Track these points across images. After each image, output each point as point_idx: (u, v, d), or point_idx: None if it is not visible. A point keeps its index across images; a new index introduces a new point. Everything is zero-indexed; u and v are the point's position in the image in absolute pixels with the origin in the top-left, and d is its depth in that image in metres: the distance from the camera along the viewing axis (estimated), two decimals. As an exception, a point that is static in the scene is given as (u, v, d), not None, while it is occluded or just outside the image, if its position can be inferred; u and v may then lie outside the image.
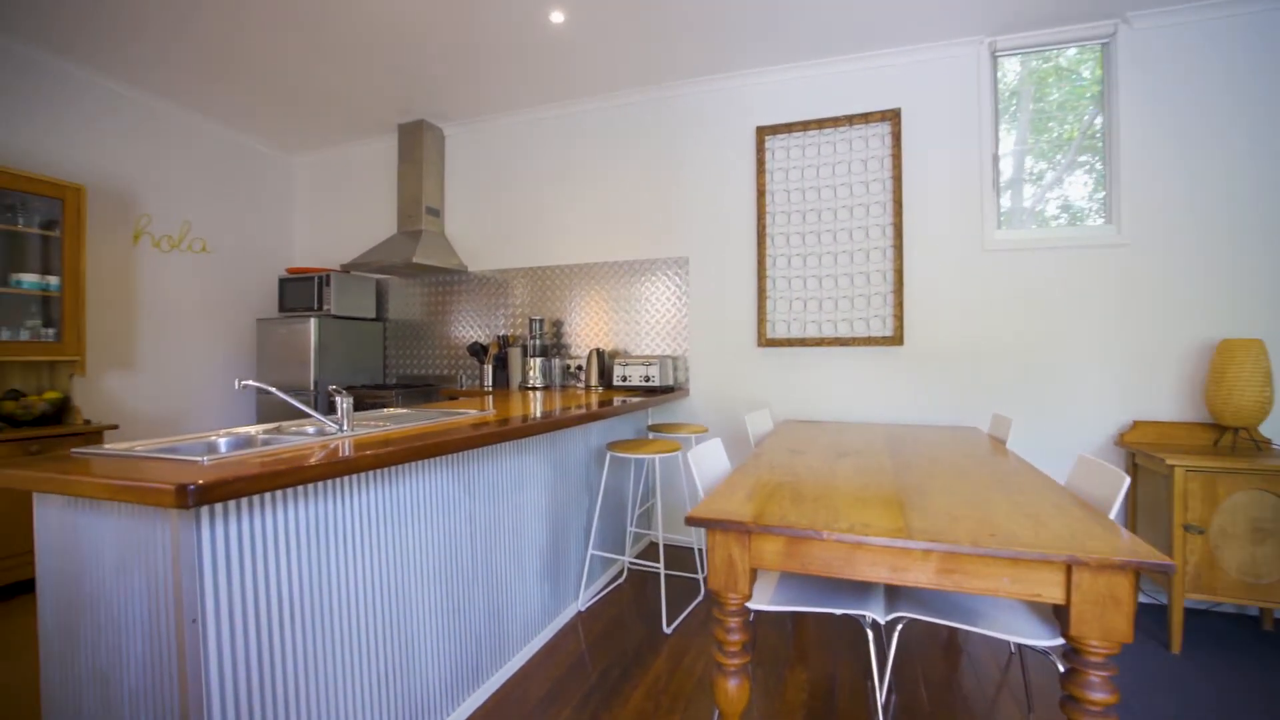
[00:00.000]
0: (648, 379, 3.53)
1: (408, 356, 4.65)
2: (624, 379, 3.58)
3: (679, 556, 3.62)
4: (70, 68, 3.64)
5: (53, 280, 3.36)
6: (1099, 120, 3.17)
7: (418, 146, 4.30)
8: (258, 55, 3.49)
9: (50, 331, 3.37)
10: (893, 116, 3.39)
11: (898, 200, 3.38)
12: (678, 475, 3.82)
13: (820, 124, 3.54)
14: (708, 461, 2.04)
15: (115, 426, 3.41)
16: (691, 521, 1.48)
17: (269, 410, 4.29)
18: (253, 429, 1.90)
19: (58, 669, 1.48)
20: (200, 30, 3.24)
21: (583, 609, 2.84)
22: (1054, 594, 1.22)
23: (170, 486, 1.08)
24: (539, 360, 3.81)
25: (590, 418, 2.46)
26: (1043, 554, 1.20)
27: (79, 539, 1.41)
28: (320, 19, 3.14)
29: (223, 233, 4.51)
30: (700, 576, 3.20)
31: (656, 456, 2.69)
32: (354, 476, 1.61)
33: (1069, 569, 1.20)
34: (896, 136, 3.38)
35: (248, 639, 1.34)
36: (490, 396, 3.37)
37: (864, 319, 3.47)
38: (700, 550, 3.59)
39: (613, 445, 2.79)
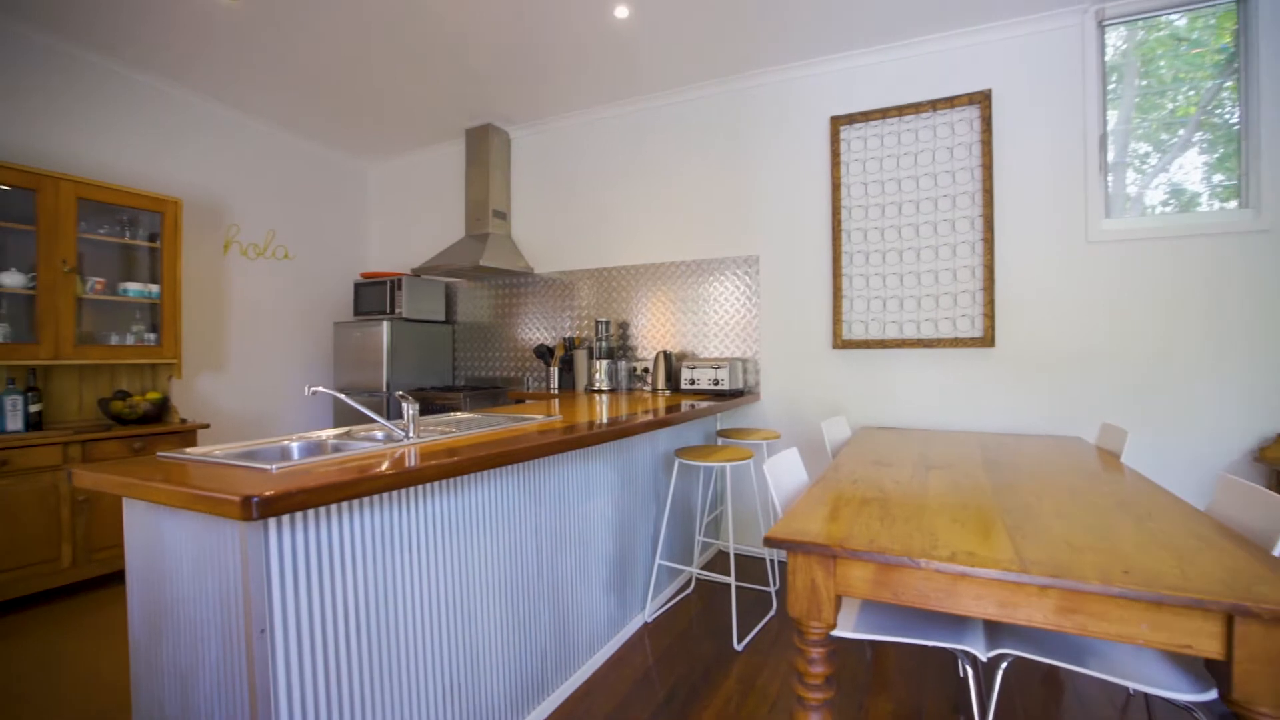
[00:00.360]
0: (716, 382, 3.41)
1: (475, 358, 4.71)
2: (692, 382, 3.47)
3: (749, 567, 3.48)
4: (168, 88, 3.87)
5: (154, 288, 3.58)
6: (1221, 92, 2.81)
7: (484, 150, 4.34)
8: (336, 70, 3.60)
9: (152, 336, 3.59)
10: (982, 99, 3.13)
11: (988, 190, 3.12)
12: (748, 483, 3.68)
13: (900, 111, 3.31)
14: (784, 473, 1.91)
15: (207, 425, 3.59)
16: (771, 543, 1.36)
17: (344, 410, 4.44)
18: (324, 433, 1.92)
19: (144, 664, 1.52)
20: (286, 51, 3.37)
21: (649, 620, 2.75)
22: (1209, 647, 1.03)
23: (236, 498, 1.06)
24: (605, 363, 3.75)
25: (658, 424, 2.37)
26: (1195, 599, 1.01)
27: (162, 541, 1.44)
28: (392, 30, 3.19)
29: (303, 240, 4.71)
30: (772, 590, 3.05)
31: (728, 464, 2.58)
32: (420, 485, 1.58)
33: (1230, 619, 1.01)
34: (987, 120, 3.12)
35: (314, 649, 1.32)
36: (556, 400, 3.34)
37: (950, 318, 3.22)
38: (772, 561, 3.44)
39: (681, 452, 2.69)
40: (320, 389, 1.65)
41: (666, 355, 3.66)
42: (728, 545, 3.73)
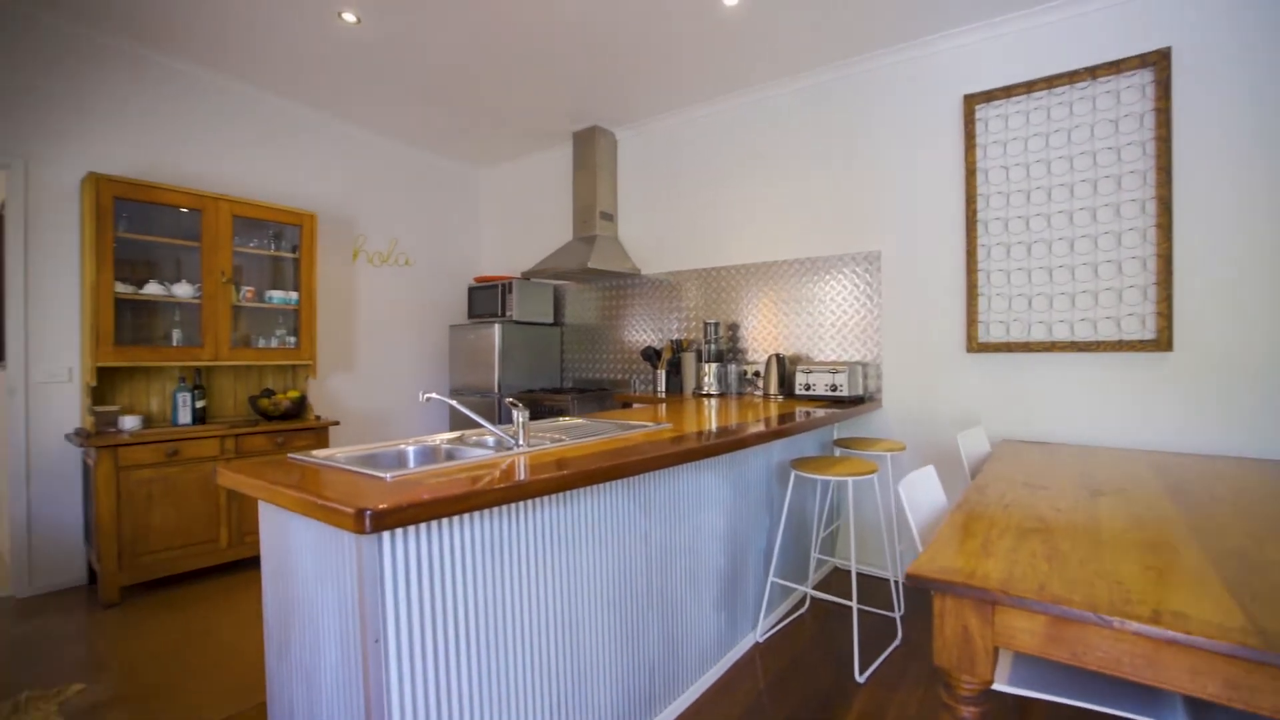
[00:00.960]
0: (834, 388, 3.18)
1: (583, 360, 4.74)
2: (807, 387, 3.27)
3: (871, 589, 3.22)
4: (304, 111, 4.19)
5: (294, 296, 3.88)
6: None
7: (591, 153, 4.35)
8: (450, 82, 3.74)
9: (292, 340, 3.90)
10: (1158, 60, 2.69)
11: (1163, 168, 2.67)
12: (869, 497, 3.42)
13: (1050, 82, 2.92)
14: (921, 494, 1.70)
15: (337, 423, 3.85)
16: (915, 580, 1.19)
17: (458, 411, 4.61)
18: (438, 438, 1.94)
19: (276, 656, 1.59)
20: (405, 67, 3.54)
21: (760, 640, 2.60)
22: None
23: (350, 510, 1.05)
24: (714, 366, 3.63)
25: (775, 435, 2.22)
26: None
27: (289, 541, 1.50)
28: (501, 40, 3.25)
29: (421, 247, 4.96)
30: (897, 615, 2.79)
31: (849, 479, 2.37)
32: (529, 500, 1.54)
33: None
34: (1164, 85, 2.68)
35: (426, 659, 1.31)
36: (664, 404, 3.25)
37: (1112, 318, 2.80)
38: (897, 583, 3.16)
39: (799, 464, 2.52)
40: (433, 395, 1.65)
41: (779, 358, 3.48)
42: (846, 563, 3.48)
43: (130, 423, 3.30)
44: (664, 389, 3.99)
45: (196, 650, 2.59)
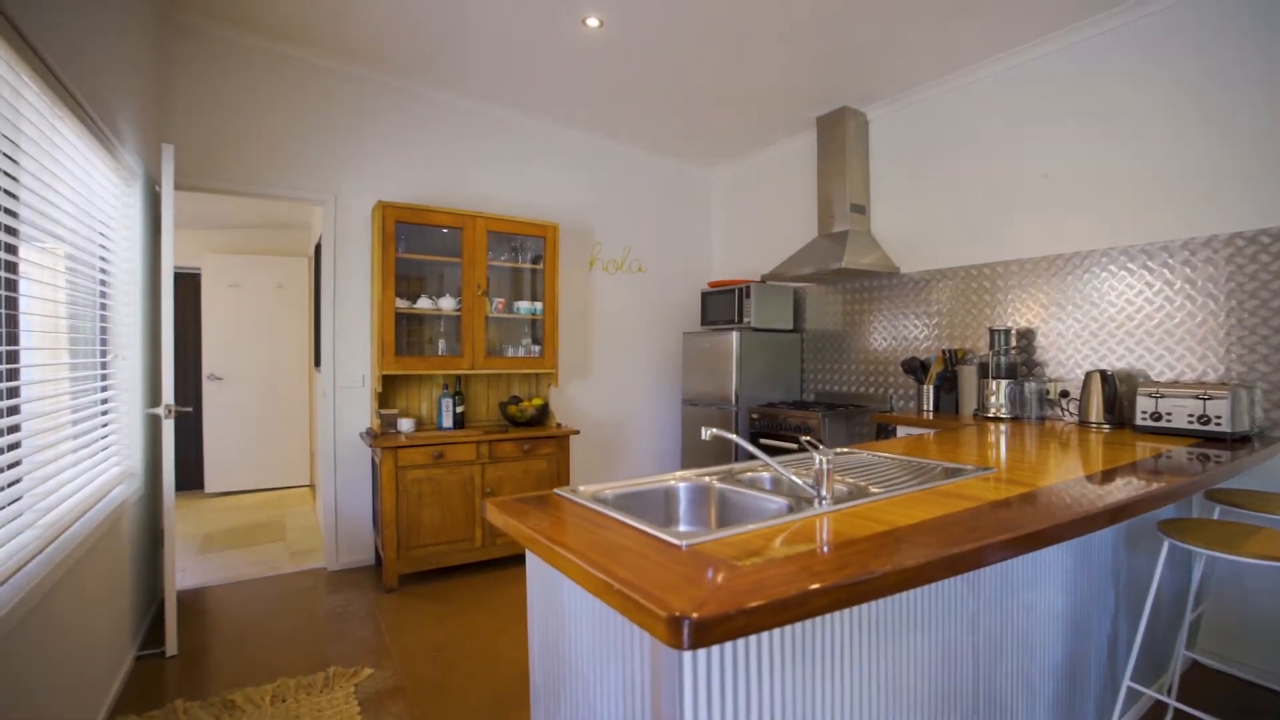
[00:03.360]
0: (1206, 420, 2.31)
1: (825, 370, 4.25)
2: (1156, 416, 2.43)
3: (1255, 701, 2.29)
4: (546, 125, 4.32)
5: (538, 305, 4.00)
6: None
7: (839, 138, 3.85)
8: (684, 79, 3.53)
9: (536, 349, 4.03)
10: None
11: None
12: (1249, 576, 2.46)
13: None
14: None
15: (577, 431, 3.87)
16: None
17: (694, 415, 4.42)
18: (707, 476, 1.67)
19: (543, 711, 1.43)
20: (641, 68, 3.41)
21: (1111, 763, 1.92)
22: None
23: (660, 615, 0.78)
24: (1004, 383, 2.92)
25: (1171, 496, 1.57)
26: None
27: (560, 597, 1.31)
28: (743, 20, 2.93)
29: (653, 252, 4.87)
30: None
31: (1265, 562, 1.60)
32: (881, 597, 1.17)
33: None
34: None
35: (726, 786, 1.01)
36: (947, 429, 2.66)
37: None
38: (1313, 705, 2.19)
39: (1173, 528, 1.80)
40: (717, 431, 1.37)
41: (1104, 376, 2.66)
42: (1213, 660, 2.55)
43: (406, 425, 3.62)
44: (931, 408, 3.35)
45: (462, 649, 2.69)
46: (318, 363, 4.69)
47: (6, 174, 1.70)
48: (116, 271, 2.71)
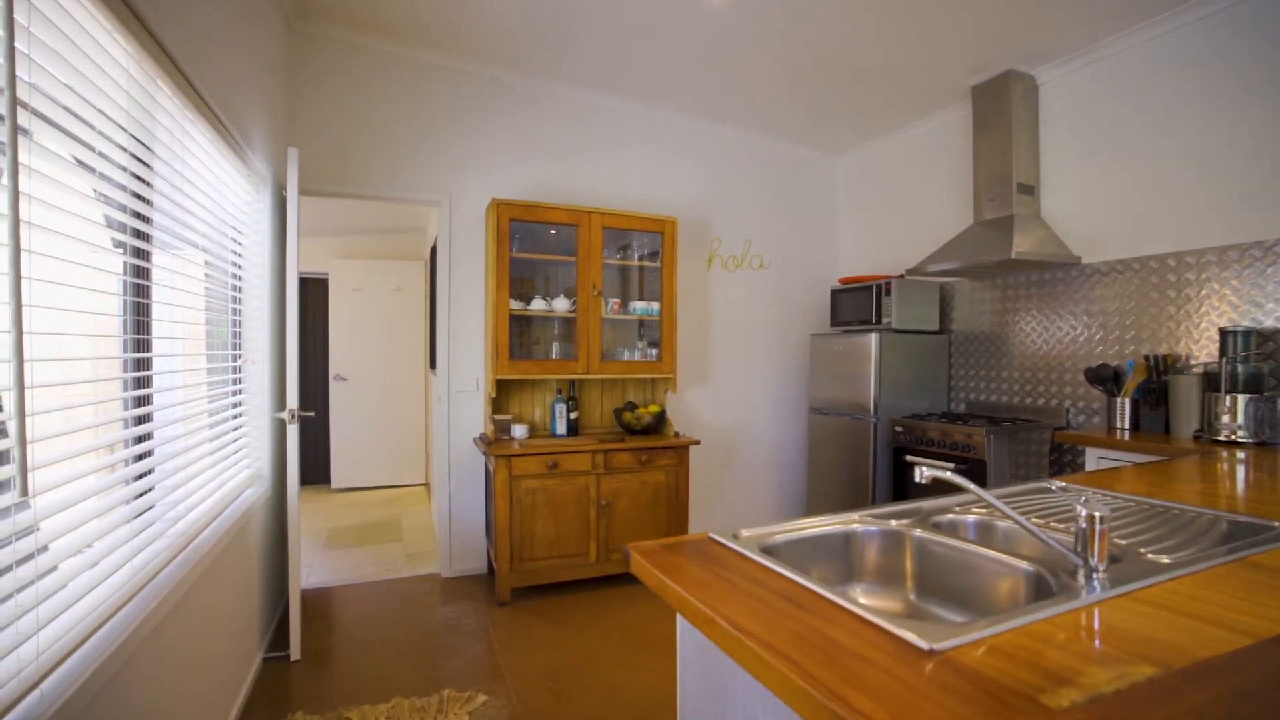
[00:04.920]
0: None
1: (976, 377, 3.70)
2: None
3: None
4: (663, 114, 4.07)
5: (654, 306, 3.75)
6: None
7: (1002, 108, 3.30)
8: (811, 55, 3.14)
9: (653, 352, 3.78)
10: None
11: None
12: None
13: None
14: None
15: (697, 442, 3.58)
16: None
17: (820, 424, 4.01)
18: (892, 519, 1.32)
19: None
20: (763, 47, 3.06)
21: None
22: None
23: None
24: (1246, 399, 2.31)
25: None
26: None
27: (721, 676, 1.02)
28: (909, -35, 2.52)
29: (776, 247, 4.49)
30: None
31: None
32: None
33: None
34: None
35: None
36: (1145, 454, 2.11)
37: None
38: None
39: None
40: (937, 473, 1.03)
41: (1403, 392, 2.01)
42: None
43: (519, 431, 3.49)
44: (1128, 426, 2.76)
45: (578, 679, 2.49)
46: (433, 365, 4.72)
47: (138, 178, 1.65)
48: (248, 277, 2.74)
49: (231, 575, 2.25)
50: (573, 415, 3.62)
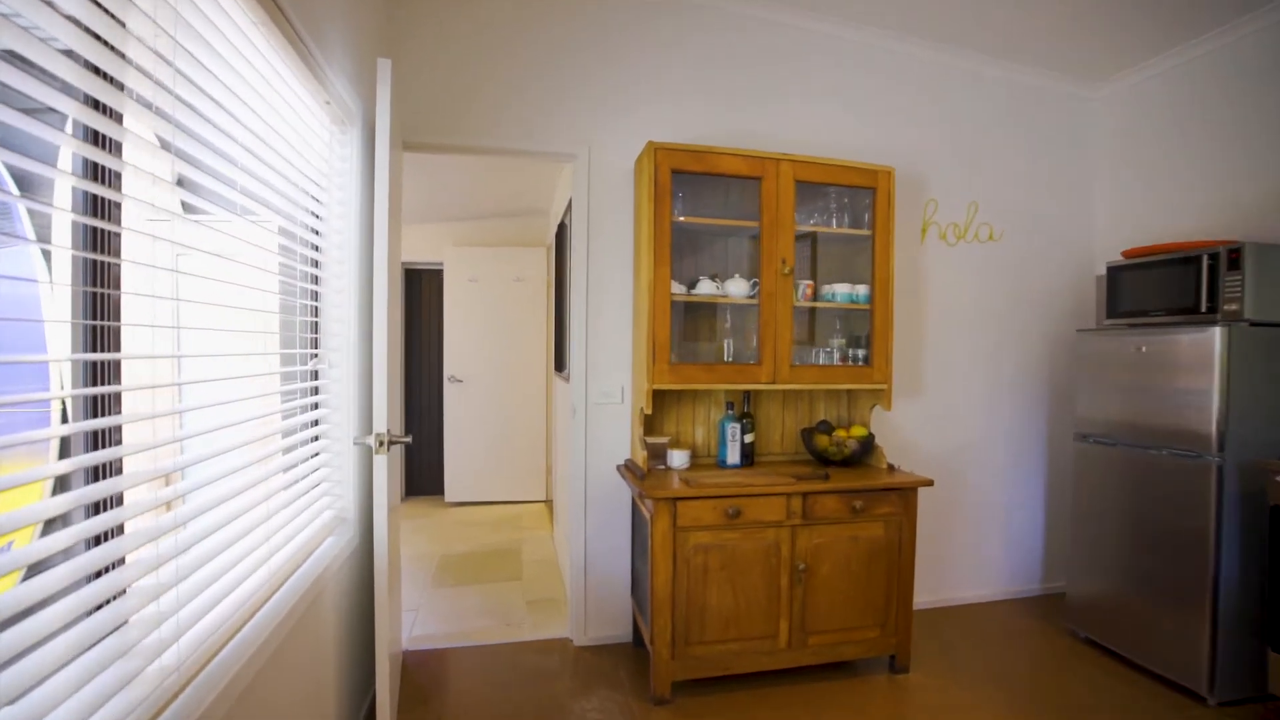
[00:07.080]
0: None
1: (1390, 397, 2.35)
2: None
3: None
4: (863, 36, 3.01)
5: (859, 290, 2.71)
6: None
7: None
8: None
9: (859, 354, 2.74)
10: None
11: None
12: None
13: None
14: None
15: (930, 482, 2.50)
16: None
17: (1062, 452, 2.79)
18: None
19: None
20: None
21: None
22: None
23: None
24: None
25: None
26: None
27: None
28: None
29: (1010, 212, 3.29)
30: None
31: None
32: None
33: None
34: None
35: None
36: None
37: None
38: None
39: None
40: None
41: None
42: None
43: (679, 459, 2.59)
44: None
45: None
46: (558, 366, 3.94)
47: (181, 99, 0.89)
48: (330, 250, 2.00)
49: (300, 660, 1.50)
50: (748, 438, 2.66)
